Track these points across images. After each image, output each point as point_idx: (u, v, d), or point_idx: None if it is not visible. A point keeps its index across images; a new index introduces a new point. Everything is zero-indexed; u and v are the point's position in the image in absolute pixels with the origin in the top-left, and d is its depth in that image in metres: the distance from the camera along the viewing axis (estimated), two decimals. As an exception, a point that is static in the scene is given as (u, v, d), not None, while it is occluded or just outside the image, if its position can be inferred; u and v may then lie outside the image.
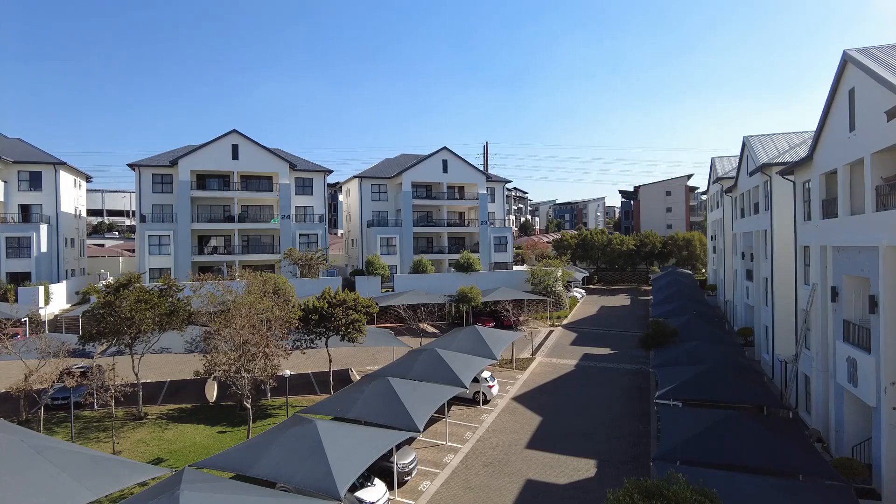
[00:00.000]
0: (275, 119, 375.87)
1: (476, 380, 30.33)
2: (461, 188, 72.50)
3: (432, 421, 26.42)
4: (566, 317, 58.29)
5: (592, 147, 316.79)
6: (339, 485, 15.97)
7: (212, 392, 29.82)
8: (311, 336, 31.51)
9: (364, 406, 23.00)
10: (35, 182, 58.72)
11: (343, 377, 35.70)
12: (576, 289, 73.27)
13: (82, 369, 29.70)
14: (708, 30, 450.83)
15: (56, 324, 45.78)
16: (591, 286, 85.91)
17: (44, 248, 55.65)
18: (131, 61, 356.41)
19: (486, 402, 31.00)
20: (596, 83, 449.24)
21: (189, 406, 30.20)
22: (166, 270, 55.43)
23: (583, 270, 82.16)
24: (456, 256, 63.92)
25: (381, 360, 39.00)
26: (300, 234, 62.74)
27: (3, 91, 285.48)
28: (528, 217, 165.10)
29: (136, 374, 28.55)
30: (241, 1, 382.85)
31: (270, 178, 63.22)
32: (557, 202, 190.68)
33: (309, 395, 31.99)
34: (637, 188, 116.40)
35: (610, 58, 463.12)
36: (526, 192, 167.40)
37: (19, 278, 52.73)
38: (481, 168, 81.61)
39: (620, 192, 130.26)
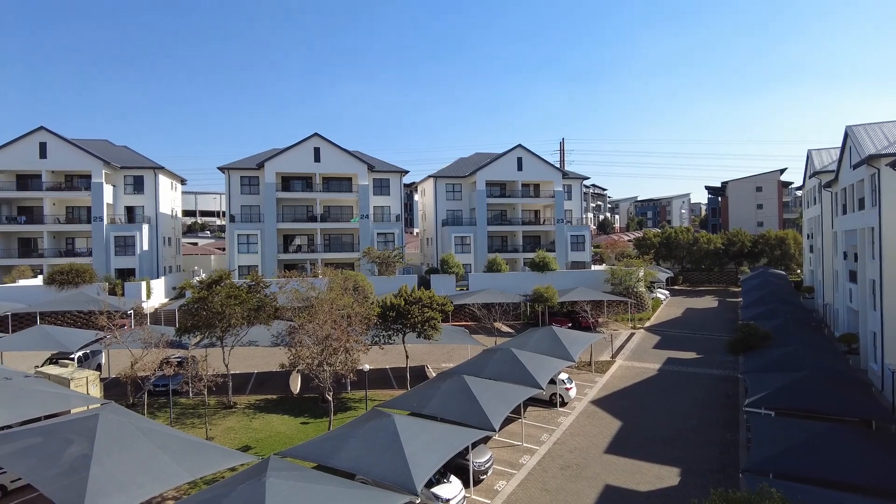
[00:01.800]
0: (352, 121, 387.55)
1: (553, 381, 29.80)
2: (536, 186, 71.55)
3: (508, 421, 26.21)
4: (648, 319, 56.15)
5: (676, 141, 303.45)
6: (417, 480, 16.15)
7: (296, 384, 31.09)
8: (389, 332, 32.16)
9: (440, 403, 23.16)
10: (138, 186, 63.75)
11: (419, 373, 36.17)
12: (659, 290, 70.29)
13: (179, 359, 31.80)
14: (812, 16, 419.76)
15: (156, 316, 49.40)
16: (676, 287, 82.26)
17: (146, 247, 60.27)
18: (216, 69, 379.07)
19: (563, 404, 30.40)
20: (681, 76, 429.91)
21: (274, 397, 31.65)
22: (254, 268, 58.50)
23: (666, 271, 78.73)
24: (531, 255, 63.17)
25: (456, 357, 39.17)
26: (378, 234, 64.24)
27: (110, 98, 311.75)
28: (608, 215, 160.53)
29: (227, 366, 30.27)
30: (319, 6, 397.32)
31: (350, 179, 65.16)
32: (639, 199, 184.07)
33: (387, 390, 32.68)
34: (725, 184, 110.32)
35: (697, 49, 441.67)
36: (605, 189, 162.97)
37: (125, 274, 57.46)
38: (557, 165, 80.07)
39: (707, 188, 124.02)
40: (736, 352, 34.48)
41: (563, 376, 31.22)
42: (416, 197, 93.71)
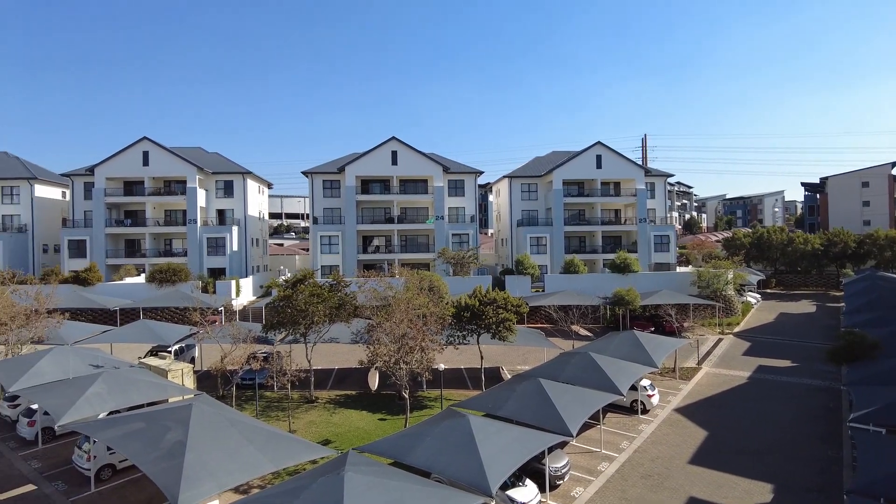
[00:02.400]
0: (429, 123, 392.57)
1: (634, 387, 28.73)
2: (616, 184, 69.36)
3: (585, 426, 25.54)
4: (738, 324, 52.95)
5: (769, 136, 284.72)
6: (492, 482, 16.04)
7: (374, 381, 31.82)
8: (464, 333, 32.22)
9: (515, 405, 22.93)
10: (228, 190, 67.76)
11: (494, 375, 36.00)
12: (749, 293, 66.03)
13: (265, 354, 33.29)
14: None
15: (244, 313, 52.15)
16: (768, 290, 77.02)
17: (235, 247, 63.90)
18: (300, 77, 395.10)
19: (644, 411, 29.24)
20: (776, 68, 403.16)
21: (353, 393, 32.55)
22: (335, 267, 60.58)
23: (758, 273, 73.88)
24: (611, 256, 61.31)
25: (532, 360, 38.66)
26: (453, 234, 64.65)
27: (206, 110, 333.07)
28: (694, 214, 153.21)
29: (309, 361, 31.45)
30: (397, 10, 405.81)
31: (426, 181, 66.00)
32: (727, 197, 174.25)
33: (461, 390, 32.76)
34: (824, 180, 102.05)
35: (794, 39, 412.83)
36: (691, 187, 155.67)
37: (216, 273, 61.17)
38: (639, 162, 77.20)
39: (803, 184, 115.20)
40: (838, 361, 31.85)
41: (645, 382, 30.04)
42: (491, 197, 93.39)
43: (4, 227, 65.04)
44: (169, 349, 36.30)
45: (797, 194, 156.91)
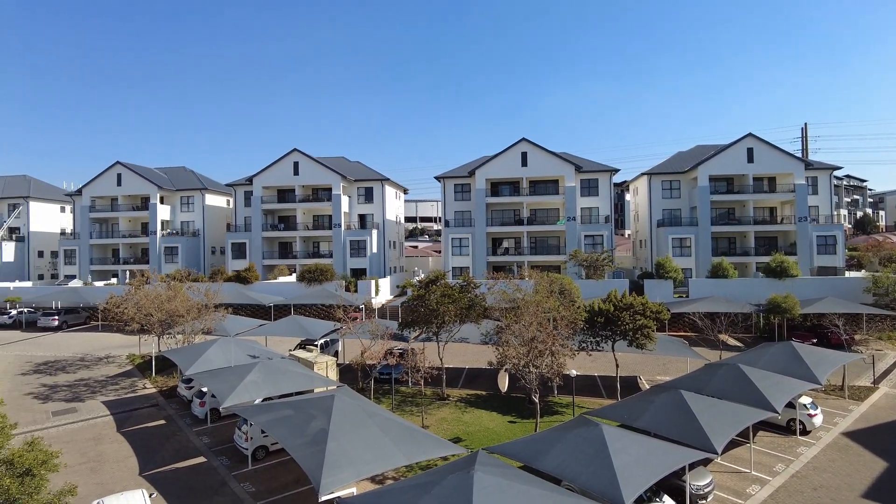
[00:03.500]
0: (560, 121, 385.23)
1: (791, 405, 25.76)
2: (771, 179, 62.74)
3: (732, 444, 23.38)
4: (925, 338, 45.40)
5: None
6: (626, 494, 15.25)
7: (503, 382, 31.84)
8: (597, 339, 31.09)
9: (653, 417, 21.63)
10: (368, 195, 72.18)
11: (630, 384, 34.31)
12: (941, 303, 56.36)
13: (400, 351, 34.74)
14: None
15: (382, 311, 54.90)
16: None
17: (374, 250, 67.74)
18: (430, 85, 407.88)
19: (804, 432, 26.09)
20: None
21: (483, 393, 32.80)
22: (466, 269, 61.66)
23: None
24: (765, 259, 55.56)
25: (673, 370, 36.30)
26: (585, 236, 62.75)
27: (345, 119, 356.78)
28: (868, 211, 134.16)
29: (441, 360, 32.27)
30: (528, 11, 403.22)
31: (556, 181, 64.82)
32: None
33: (594, 398, 31.63)
34: None
35: None
36: (864, 181, 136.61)
37: (358, 273, 65.23)
38: (798, 155, 69.24)
39: None
40: None
41: (806, 400, 26.82)
42: (628, 196, 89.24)
43: (182, 232, 74.79)
44: (315, 343, 39.31)
45: None
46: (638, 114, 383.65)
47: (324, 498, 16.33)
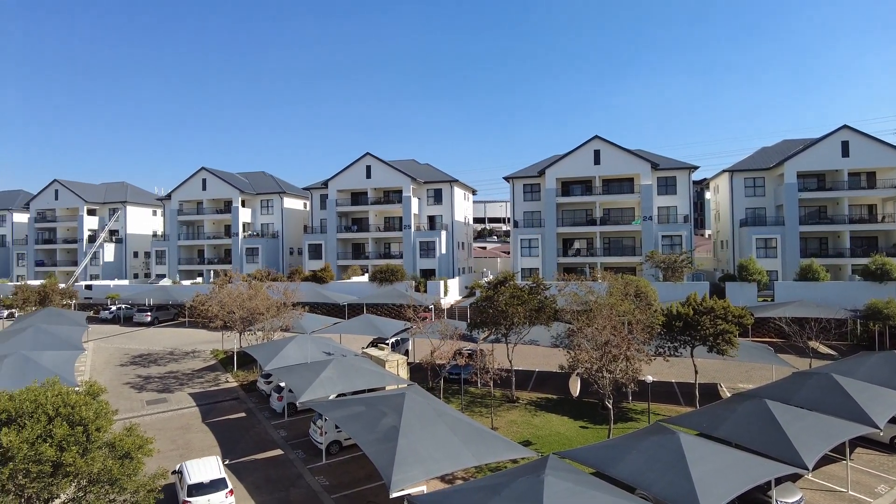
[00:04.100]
0: (636, 118, 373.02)
1: (895, 420, 23.67)
2: (871, 174, 57.88)
3: (825, 460, 21.77)
4: None
5: None
6: (706, 508, 14.51)
7: (575, 387, 31.15)
8: (675, 344, 29.84)
9: (735, 427, 20.51)
10: (437, 197, 72.97)
11: (710, 391, 32.71)
12: None
13: (469, 351, 34.80)
14: None
15: (451, 312, 55.22)
16: None
17: (443, 250, 68.32)
18: (505, 84, 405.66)
19: (910, 449, 23.90)
20: None
21: (554, 397, 32.25)
22: (535, 270, 60.97)
23: None
24: (863, 261, 51.32)
25: (757, 378, 34.30)
26: (662, 236, 60.46)
27: (414, 121, 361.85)
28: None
29: (510, 362, 32.02)
30: (601, 10, 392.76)
31: (631, 179, 62.87)
32: None
33: (671, 405, 30.39)
34: None
35: None
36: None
37: (427, 274, 66.03)
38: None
39: None
40: None
41: (912, 415, 24.54)
42: (708, 195, 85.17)
43: (263, 234, 78.44)
44: (387, 341, 40.10)
45: None
46: (716, 109, 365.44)
47: (394, 495, 16.59)
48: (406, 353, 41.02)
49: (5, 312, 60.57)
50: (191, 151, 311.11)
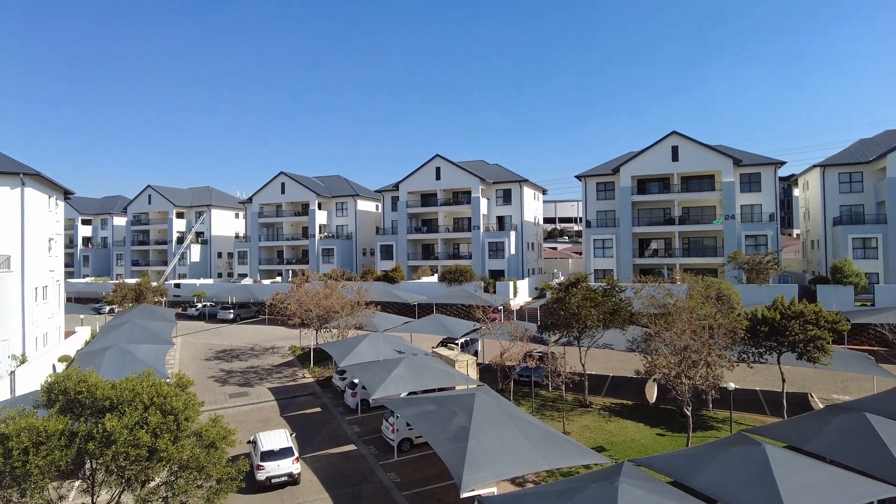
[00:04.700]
0: (717, 113, 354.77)
1: None
2: None
3: (938, 481, 19.79)
4: None
5: None
6: (796, 526, 13.58)
7: (652, 393, 30.10)
8: (760, 350, 28.12)
9: (829, 441, 19.04)
10: (507, 197, 72.55)
11: (800, 402, 30.61)
12: None
13: (540, 354, 34.31)
14: None
15: (521, 313, 54.73)
16: None
17: (513, 251, 67.83)
18: (569, 84, 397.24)
19: None
20: None
21: (629, 403, 31.24)
22: (609, 272, 59.29)
23: None
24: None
25: (854, 390, 31.80)
26: (746, 236, 57.22)
27: (482, 121, 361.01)
28: None
29: (583, 365, 31.32)
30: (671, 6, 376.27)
31: (712, 176, 59.91)
32: None
33: (756, 415, 28.67)
34: None
35: None
36: None
37: (496, 274, 65.79)
38: None
39: None
40: None
41: None
42: (797, 191, 79.85)
43: (337, 235, 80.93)
44: (457, 341, 40.29)
45: None
46: (804, 100, 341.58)
47: (465, 495, 16.61)
48: (475, 353, 41.04)
49: (107, 308, 65.85)
50: (268, 157, 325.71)
